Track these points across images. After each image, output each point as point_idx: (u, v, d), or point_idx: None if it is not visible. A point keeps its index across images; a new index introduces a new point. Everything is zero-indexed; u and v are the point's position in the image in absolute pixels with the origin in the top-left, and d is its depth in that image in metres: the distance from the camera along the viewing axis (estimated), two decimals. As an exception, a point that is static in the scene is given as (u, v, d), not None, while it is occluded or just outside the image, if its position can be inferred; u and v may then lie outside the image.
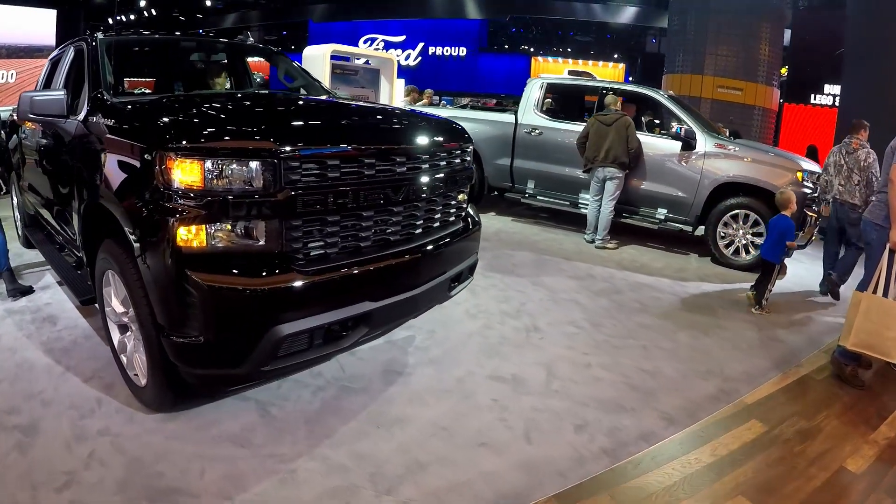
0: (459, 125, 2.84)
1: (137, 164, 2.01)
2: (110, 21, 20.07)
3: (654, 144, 5.75)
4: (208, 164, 1.86)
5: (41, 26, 14.06)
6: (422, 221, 2.43)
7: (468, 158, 2.75)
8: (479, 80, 22.69)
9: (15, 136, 4.40)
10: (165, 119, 2.10)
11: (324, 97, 3.45)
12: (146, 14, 21.53)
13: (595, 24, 21.87)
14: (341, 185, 2.05)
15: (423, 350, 3.07)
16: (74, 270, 3.25)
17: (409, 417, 2.45)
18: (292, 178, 1.94)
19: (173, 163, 1.86)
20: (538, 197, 6.56)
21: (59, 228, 3.32)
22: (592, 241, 5.85)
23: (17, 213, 4.80)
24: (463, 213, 2.78)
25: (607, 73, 21.99)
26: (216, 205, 1.86)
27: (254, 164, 1.89)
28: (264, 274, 1.91)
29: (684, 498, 2.04)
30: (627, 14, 19.76)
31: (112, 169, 2.20)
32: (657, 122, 6.49)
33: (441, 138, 2.53)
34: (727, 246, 5.45)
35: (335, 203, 2.03)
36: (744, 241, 5.36)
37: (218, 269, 1.88)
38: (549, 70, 22.15)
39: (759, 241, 5.24)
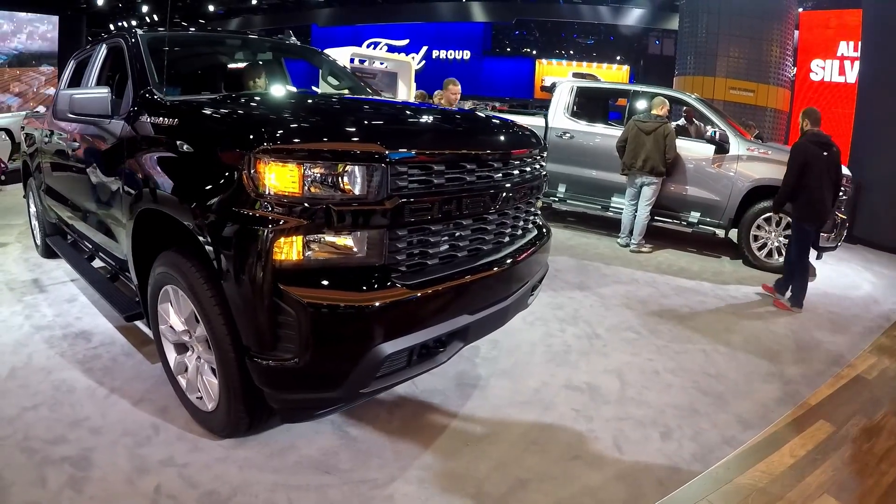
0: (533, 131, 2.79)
1: (221, 168, 1.86)
2: (111, 28, 20.02)
3: (688, 148, 5.78)
4: (309, 168, 1.74)
5: (44, 33, 14.11)
6: (510, 229, 2.39)
7: (545, 164, 2.73)
8: (484, 83, 22.81)
9: (32, 139, 4.16)
10: (257, 119, 1.99)
11: (395, 100, 3.31)
12: (147, 20, 21.50)
13: (598, 27, 21.96)
14: (445, 193, 1.99)
15: (492, 361, 3.05)
16: (110, 282, 3.10)
17: (497, 433, 2.40)
18: (399, 185, 1.85)
19: (269, 167, 1.73)
20: (568, 201, 6.59)
21: (91, 237, 3.14)
22: (627, 245, 5.88)
23: (34, 222, 4.51)
24: (538, 221, 2.78)
25: (611, 75, 22.12)
26: (317, 214, 1.73)
27: (360, 169, 1.78)
28: (369, 288, 1.79)
29: (777, 499, 2.07)
30: (631, 16, 19.85)
31: (182, 174, 2.06)
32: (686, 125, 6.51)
33: (527, 143, 2.50)
34: (760, 248, 5.50)
35: (439, 211, 1.96)
36: (776, 244, 5.42)
37: (318, 285, 1.75)
38: (554, 73, 22.28)
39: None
